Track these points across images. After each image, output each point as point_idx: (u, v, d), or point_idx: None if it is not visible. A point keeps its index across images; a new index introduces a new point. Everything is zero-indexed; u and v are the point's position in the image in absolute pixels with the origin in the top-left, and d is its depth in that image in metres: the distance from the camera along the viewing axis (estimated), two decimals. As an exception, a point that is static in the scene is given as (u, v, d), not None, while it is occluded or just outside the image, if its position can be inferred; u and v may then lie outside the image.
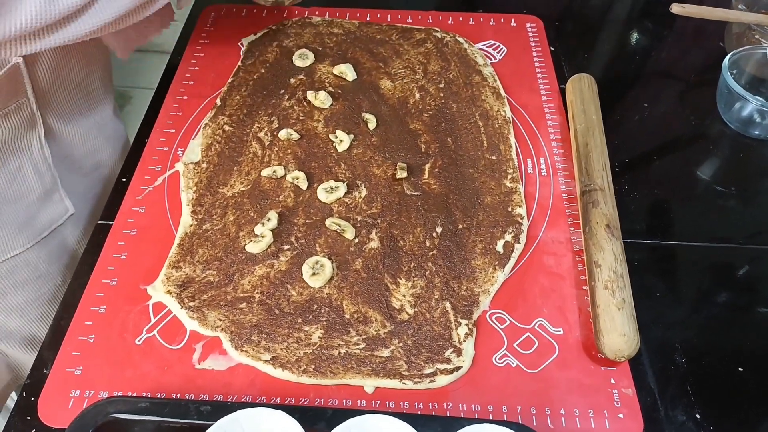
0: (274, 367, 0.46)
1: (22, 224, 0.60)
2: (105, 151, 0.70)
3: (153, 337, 0.49)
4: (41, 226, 0.62)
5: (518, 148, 0.63)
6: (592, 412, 0.45)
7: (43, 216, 0.62)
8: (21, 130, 0.57)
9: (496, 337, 0.49)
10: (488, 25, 0.79)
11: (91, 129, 0.67)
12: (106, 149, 0.70)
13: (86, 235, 0.66)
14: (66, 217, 0.64)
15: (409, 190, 0.59)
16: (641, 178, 0.63)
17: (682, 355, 0.49)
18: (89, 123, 0.67)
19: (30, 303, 0.63)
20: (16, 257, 0.60)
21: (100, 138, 0.69)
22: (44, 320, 0.65)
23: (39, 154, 0.60)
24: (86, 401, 0.45)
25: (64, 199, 0.64)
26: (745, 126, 0.67)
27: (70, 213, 0.64)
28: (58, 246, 0.64)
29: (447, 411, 0.45)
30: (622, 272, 0.49)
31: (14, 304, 0.62)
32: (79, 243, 0.67)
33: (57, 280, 0.65)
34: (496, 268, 0.53)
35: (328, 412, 0.41)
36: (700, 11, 0.70)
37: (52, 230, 0.63)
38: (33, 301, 0.63)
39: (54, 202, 0.63)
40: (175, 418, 0.41)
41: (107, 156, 0.71)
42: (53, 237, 0.63)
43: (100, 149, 0.69)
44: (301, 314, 0.49)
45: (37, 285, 0.63)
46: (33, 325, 0.65)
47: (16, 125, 0.57)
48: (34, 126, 0.58)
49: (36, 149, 0.59)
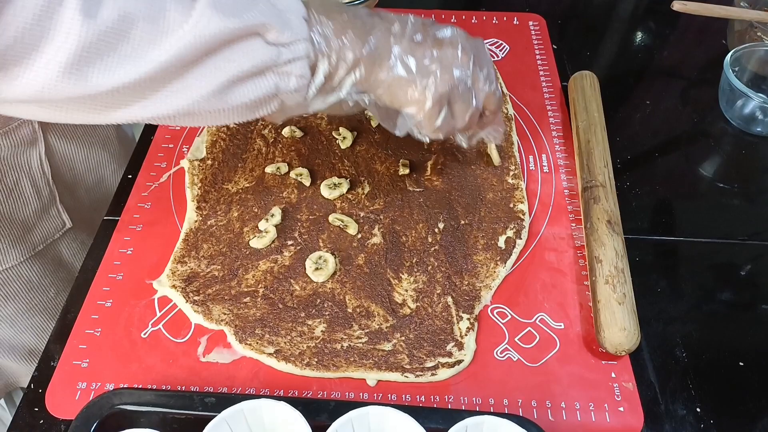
0: (278, 360, 0.47)
1: (17, 238, 0.59)
2: (108, 167, 0.69)
3: (158, 330, 0.49)
4: (36, 240, 0.61)
5: (520, 145, 0.64)
6: (593, 405, 0.45)
7: (38, 230, 0.61)
8: (21, 147, 0.57)
9: (497, 332, 0.50)
10: (491, 23, 0.79)
11: (93, 145, 0.66)
12: (110, 165, 0.69)
13: (84, 248, 0.64)
14: (63, 231, 0.63)
15: (412, 186, 0.59)
16: (643, 175, 0.63)
17: (682, 349, 0.49)
18: (92, 140, 0.66)
19: (21, 314, 0.63)
20: (8, 270, 0.60)
21: (103, 154, 0.68)
22: (34, 330, 0.65)
23: (38, 170, 0.59)
24: (93, 393, 0.46)
25: (62, 213, 0.63)
26: (747, 123, 0.67)
27: (68, 227, 0.64)
28: (53, 259, 0.63)
29: (448, 404, 0.46)
30: (623, 267, 0.50)
31: (4, 315, 0.62)
32: (75, 256, 0.66)
33: (50, 292, 0.64)
34: (497, 264, 0.53)
35: (331, 404, 0.42)
36: (701, 8, 0.70)
37: (47, 244, 0.62)
38: (24, 312, 0.63)
39: (51, 217, 0.62)
40: (180, 410, 0.42)
41: (111, 172, 0.69)
42: (48, 250, 0.63)
43: (103, 165, 0.68)
44: (305, 308, 0.50)
45: (29, 297, 0.62)
46: (23, 335, 0.64)
47: (17, 143, 0.56)
48: (35, 143, 0.58)
49: (35, 165, 0.58)
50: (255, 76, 0.39)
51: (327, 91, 0.43)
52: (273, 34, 0.38)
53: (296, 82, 0.41)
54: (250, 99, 0.39)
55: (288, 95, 0.41)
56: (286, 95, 0.41)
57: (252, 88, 0.39)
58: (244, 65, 0.38)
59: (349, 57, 0.42)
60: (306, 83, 0.41)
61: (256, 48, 0.38)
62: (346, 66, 0.42)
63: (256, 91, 0.39)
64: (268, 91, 0.40)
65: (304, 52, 0.40)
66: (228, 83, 0.38)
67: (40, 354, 0.48)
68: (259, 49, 0.38)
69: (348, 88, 0.43)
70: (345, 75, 0.42)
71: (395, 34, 0.43)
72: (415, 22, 0.45)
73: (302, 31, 0.40)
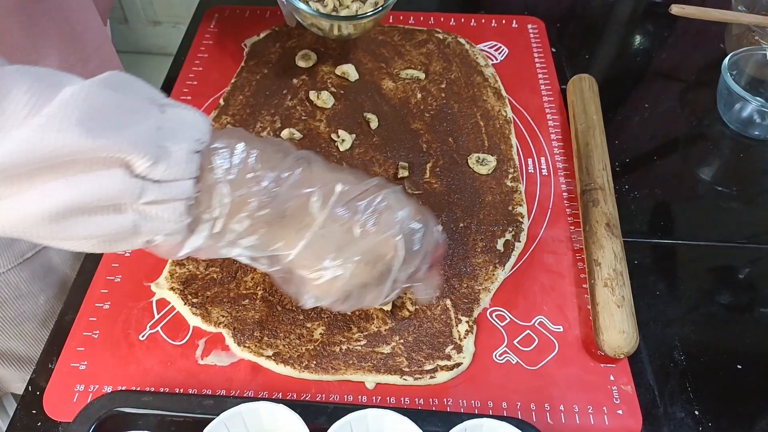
0: (276, 363, 0.47)
1: (6, 245, 0.57)
2: None
3: (156, 333, 0.49)
4: (25, 248, 0.59)
5: (519, 148, 0.64)
6: (592, 408, 0.45)
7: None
8: None
9: (496, 334, 0.50)
10: (490, 26, 0.79)
11: None
12: None
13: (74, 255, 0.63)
14: None
15: (411, 189, 0.59)
16: (642, 178, 0.63)
17: (681, 352, 0.49)
18: None
19: (8, 321, 0.62)
20: None
21: None
22: (23, 337, 0.64)
23: None
24: (91, 395, 0.45)
25: None
26: (745, 126, 0.67)
27: None
28: (42, 266, 0.62)
29: (447, 407, 0.46)
30: (621, 270, 0.50)
31: None
32: (66, 262, 0.64)
33: (39, 299, 0.62)
34: (496, 266, 0.53)
35: (330, 407, 0.42)
36: (699, 12, 0.70)
37: (37, 251, 0.60)
38: (12, 319, 0.62)
39: None
40: (178, 412, 0.42)
41: None
42: (37, 257, 0.61)
43: None
44: (303, 311, 0.50)
45: (17, 304, 0.61)
46: (11, 341, 0.63)
47: None
48: None
49: None
50: (106, 210, 0.32)
51: (219, 243, 0.37)
52: (141, 166, 0.32)
53: (166, 227, 0.34)
54: (100, 234, 0.33)
55: (159, 239, 0.35)
56: (158, 239, 0.35)
57: (101, 222, 0.32)
58: (91, 194, 0.31)
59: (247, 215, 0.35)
60: (182, 230, 0.35)
61: (113, 177, 0.31)
62: (244, 226, 0.36)
63: (111, 226, 0.33)
64: (126, 229, 0.33)
65: (180, 195, 0.33)
66: (68, 210, 0.31)
67: (30, 360, 0.48)
68: (117, 179, 0.31)
69: (242, 251, 0.38)
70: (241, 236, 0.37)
71: (315, 202, 0.37)
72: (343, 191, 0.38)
73: (186, 168, 0.33)
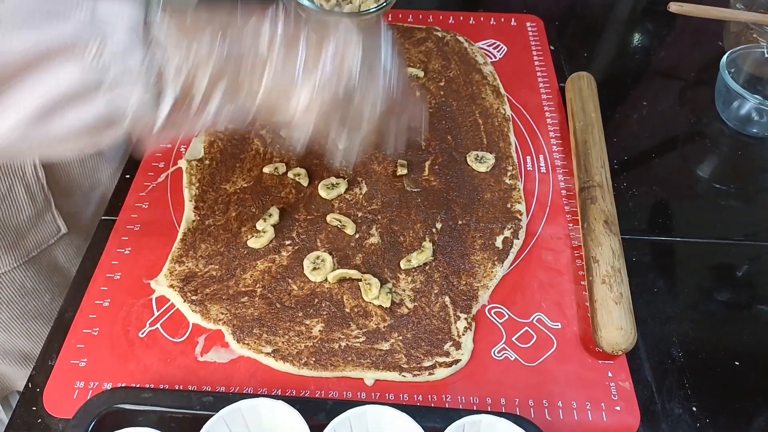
0: (276, 360, 0.47)
1: (11, 244, 0.58)
2: (105, 171, 0.68)
3: (156, 330, 0.49)
4: (31, 246, 0.60)
5: (518, 146, 0.64)
6: (590, 404, 0.45)
7: (33, 236, 0.60)
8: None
9: (494, 331, 0.50)
10: (488, 24, 0.79)
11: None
12: (106, 169, 0.68)
13: (79, 253, 0.63)
14: (58, 236, 0.63)
15: (410, 186, 0.59)
16: (640, 175, 0.63)
17: (679, 349, 0.49)
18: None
19: (14, 319, 0.62)
20: (2, 275, 0.59)
21: (99, 158, 0.67)
22: (28, 335, 0.64)
23: (32, 176, 0.58)
24: (90, 392, 0.46)
25: (57, 219, 0.62)
26: (743, 124, 0.67)
27: (63, 232, 0.63)
28: (48, 264, 0.63)
29: (446, 403, 0.46)
30: (619, 267, 0.50)
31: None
32: (71, 261, 0.65)
33: (44, 297, 0.63)
34: (495, 264, 0.53)
35: (329, 403, 0.42)
36: (697, 10, 0.70)
37: (42, 249, 0.61)
38: (18, 318, 0.62)
39: (46, 222, 0.61)
40: (178, 409, 0.42)
41: (107, 176, 0.68)
42: (43, 256, 0.62)
43: (99, 169, 0.67)
44: (302, 308, 0.50)
45: (23, 302, 0.62)
46: (17, 339, 0.64)
47: None
48: None
49: (29, 172, 0.57)
50: (78, 99, 0.35)
51: (190, 109, 0.38)
52: (90, 51, 0.34)
53: (138, 99, 0.36)
54: (81, 125, 0.35)
55: (134, 116, 0.36)
56: (133, 116, 0.36)
57: (78, 112, 0.35)
58: (58, 87, 0.34)
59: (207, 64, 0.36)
60: (152, 100, 0.36)
61: (69, 68, 0.34)
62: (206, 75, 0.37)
63: (86, 116, 0.35)
64: (101, 114, 0.35)
65: (138, 67, 0.35)
66: (46, 108, 0.34)
67: (35, 358, 0.48)
68: (75, 68, 0.34)
69: (217, 105, 0.38)
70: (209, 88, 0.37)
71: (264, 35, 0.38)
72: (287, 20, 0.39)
73: (131, 43, 0.35)
